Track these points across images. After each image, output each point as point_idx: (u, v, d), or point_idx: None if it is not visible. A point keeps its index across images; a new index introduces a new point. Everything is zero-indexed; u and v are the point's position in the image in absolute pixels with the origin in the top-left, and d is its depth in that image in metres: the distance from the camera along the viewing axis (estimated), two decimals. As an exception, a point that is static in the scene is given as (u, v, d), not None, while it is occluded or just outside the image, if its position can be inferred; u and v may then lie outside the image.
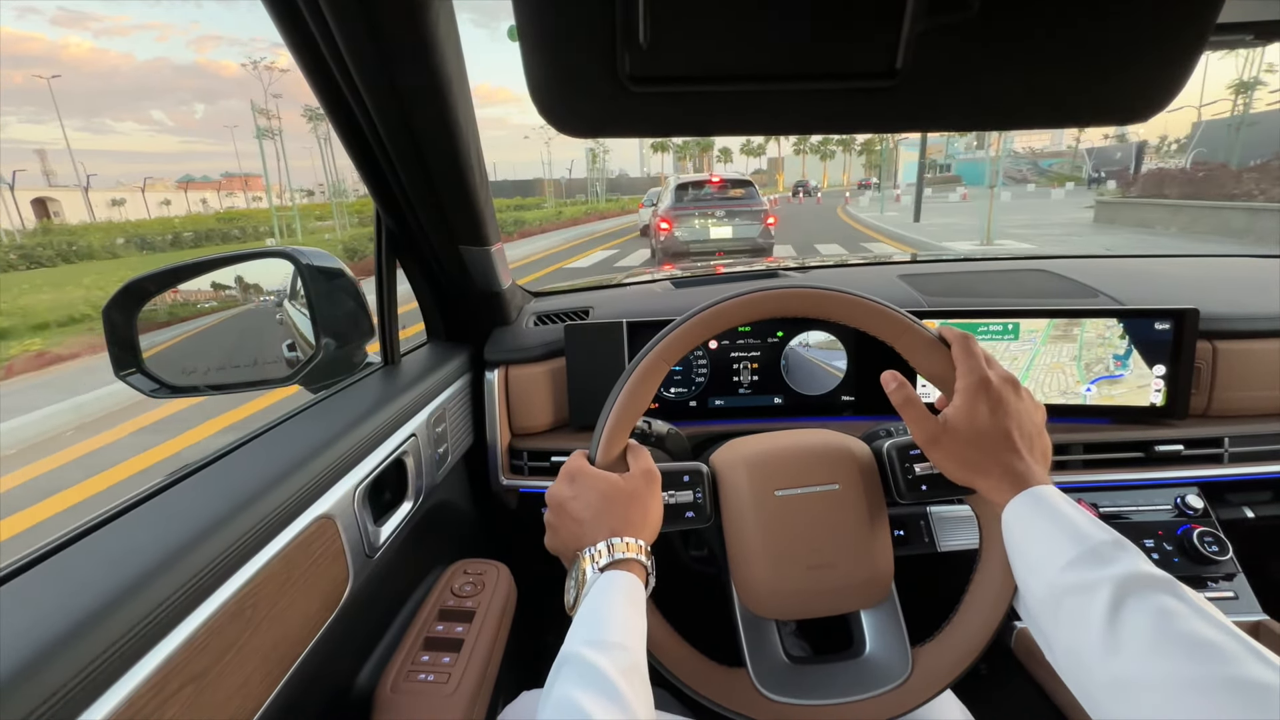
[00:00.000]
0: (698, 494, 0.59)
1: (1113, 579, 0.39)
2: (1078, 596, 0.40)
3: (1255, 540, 0.95)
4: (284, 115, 17.15)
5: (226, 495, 0.52)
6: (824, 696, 0.56)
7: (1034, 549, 0.45)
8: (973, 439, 0.50)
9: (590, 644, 0.43)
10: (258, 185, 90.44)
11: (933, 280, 1.16)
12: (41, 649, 0.34)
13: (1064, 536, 0.43)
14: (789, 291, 0.57)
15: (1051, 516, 0.45)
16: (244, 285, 0.89)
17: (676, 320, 0.58)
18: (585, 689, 0.39)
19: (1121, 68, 0.31)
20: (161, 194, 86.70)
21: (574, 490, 0.54)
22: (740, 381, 1.05)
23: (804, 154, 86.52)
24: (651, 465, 0.56)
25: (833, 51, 0.31)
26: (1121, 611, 0.37)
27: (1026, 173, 53.40)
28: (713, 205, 8.47)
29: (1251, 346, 0.97)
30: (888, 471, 0.58)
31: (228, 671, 0.46)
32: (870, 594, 0.58)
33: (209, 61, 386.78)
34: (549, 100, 0.33)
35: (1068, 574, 0.41)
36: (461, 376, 1.01)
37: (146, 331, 0.78)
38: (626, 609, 0.46)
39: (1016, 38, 0.30)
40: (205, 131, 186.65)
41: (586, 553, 0.50)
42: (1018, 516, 0.47)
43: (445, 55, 0.65)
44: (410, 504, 0.80)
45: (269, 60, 28.38)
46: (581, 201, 47.65)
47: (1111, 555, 0.40)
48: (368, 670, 0.73)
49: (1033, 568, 0.45)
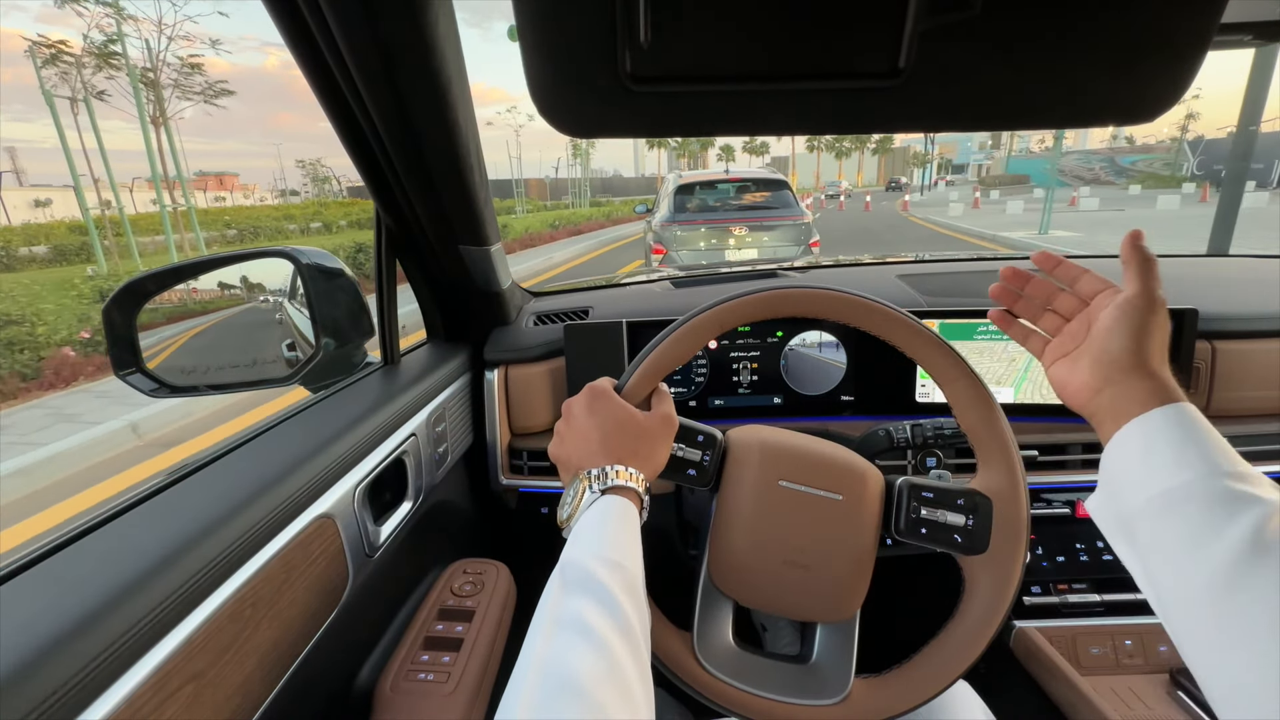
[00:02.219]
0: (706, 456, 0.60)
1: (1273, 502, 0.38)
2: (1227, 504, 0.38)
3: None
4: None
5: (226, 495, 0.52)
6: (755, 686, 0.57)
7: (1191, 451, 0.42)
8: (1149, 330, 0.47)
9: (596, 557, 0.44)
10: (234, 184, 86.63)
11: (931, 280, 1.16)
12: (41, 648, 0.34)
13: (1224, 451, 0.42)
14: (863, 303, 0.59)
15: (1211, 433, 0.43)
16: (249, 284, 0.89)
17: (747, 292, 0.60)
18: (593, 604, 0.40)
19: (1126, 67, 0.31)
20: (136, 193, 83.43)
21: (592, 409, 0.55)
22: (740, 381, 1.05)
23: (819, 151, 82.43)
24: (672, 412, 0.58)
25: (835, 51, 0.31)
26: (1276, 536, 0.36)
27: (1101, 171, 45.46)
28: (730, 218, 5.39)
29: (1250, 347, 0.97)
30: (893, 505, 0.58)
31: (228, 671, 0.46)
32: (833, 610, 0.58)
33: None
34: (549, 100, 0.33)
35: (1229, 482, 0.39)
36: (461, 376, 1.01)
37: (147, 330, 0.78)
38: (625, 532, 0.47)
39: (1019, 37, 0.30)
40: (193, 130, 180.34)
41: (590, 472, 0.51)
42: (1176, 419, 0.44)
43: (445, 55, 0.65)
44: (410, 503, 0.80)
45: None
46: (556, 206, 36.27)
47: (1272, 485, 0.39)
48: (367, 669, 0.73)
49: (1184, 463, 0.42)
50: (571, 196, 35.43)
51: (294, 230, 22.93)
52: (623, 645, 0.38)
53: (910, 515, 0.57)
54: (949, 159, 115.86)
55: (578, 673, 0.35)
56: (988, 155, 72.21)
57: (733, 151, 70.27)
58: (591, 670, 0.36)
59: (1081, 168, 46.90)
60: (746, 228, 5.31)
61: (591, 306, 1.14)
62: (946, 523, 0.55)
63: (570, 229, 19.14)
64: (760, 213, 5.48)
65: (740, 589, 0.59)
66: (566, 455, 0.55)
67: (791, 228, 5.28)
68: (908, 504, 0.57)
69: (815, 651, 0.59)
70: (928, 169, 59.16)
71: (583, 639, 0.38)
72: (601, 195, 57.45)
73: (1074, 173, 46.54)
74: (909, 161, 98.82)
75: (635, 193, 62.97)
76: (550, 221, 19.99)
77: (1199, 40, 0.30)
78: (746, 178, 5.79)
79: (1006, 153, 64.43)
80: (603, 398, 0.56)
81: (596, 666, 0.36)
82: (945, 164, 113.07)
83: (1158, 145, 45.06)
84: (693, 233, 5.43)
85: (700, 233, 5.41)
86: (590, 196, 43.80)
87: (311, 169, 59.14)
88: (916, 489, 0.57)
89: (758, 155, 77.09)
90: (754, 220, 5.38)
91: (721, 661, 0.57)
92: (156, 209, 13.03)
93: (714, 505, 0.60)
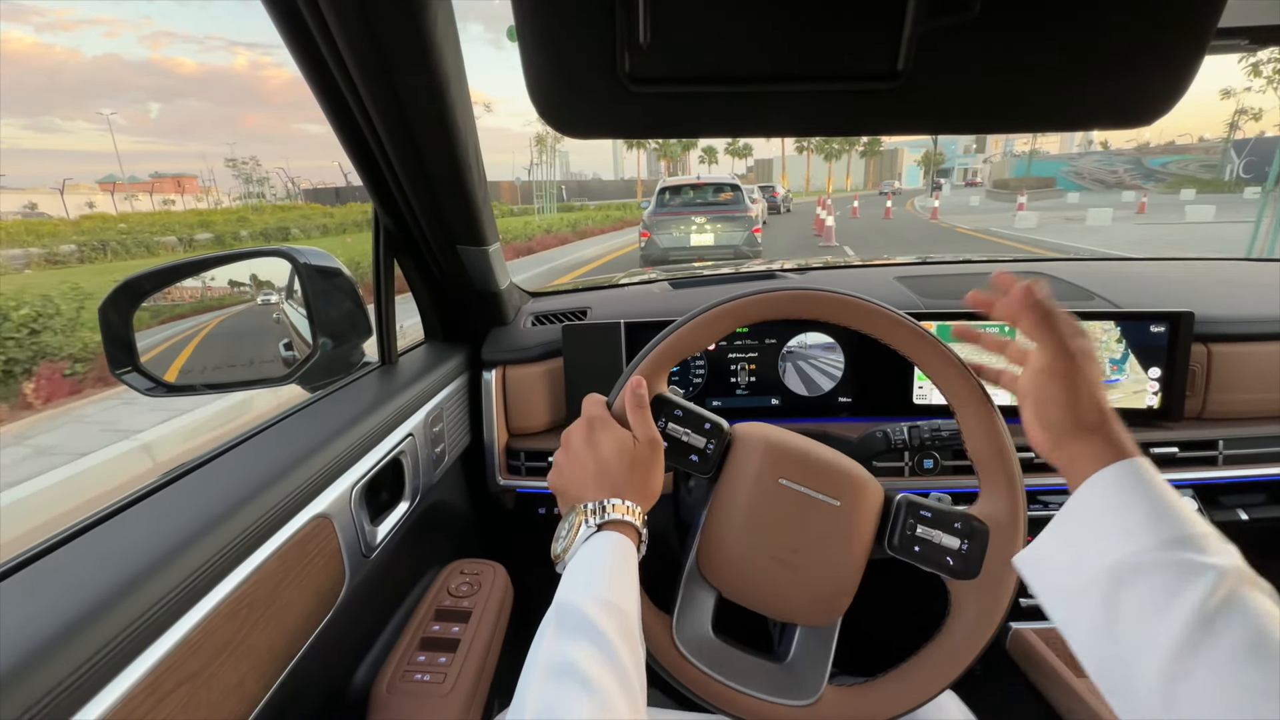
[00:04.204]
0: (710, 445, 0.60)
1: (1219, 569, 0.37)
2: (1172, 575, 0.38)
3: (1249, 542, 0.95)
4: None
5: (222, 494, 0.52)
6: (725, 676, 0.57)
7: (1133, 516, 0.41)
8: (1089, 378, 0.47)
9: (593, 599, 0.43)
10: (193, 187, 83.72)
11: (929, 282, 1.16)
12: (35, 648, 0.34)
13: (1168, 515, 0.41)
14: (847, 300, 0.59)
15: (1157, 493, 0.42)
16: (258, 281, 0.89)
17: (764, 290, 0.60)
18: (589, 649, 0.40)
19: (1124, 70, 0.31)
20: (85, 195, 76.63)
21: (589, 439, 0.55)
22: (738, 382, 1.05)
23: (809, 153, 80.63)
24: (657, 435, 0.57)
25: (834, 52, 0.31)
26: (1228, 604, 0.35)
27: (1125, 174, 39.41)
28: (696, 210, 8.01)
29: (1246, 349, 0.97)
30: (890, 519, 0.58)
31: (223, 671, 0.46)
32: (815, 614, 0.58)
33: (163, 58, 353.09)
34: (548, 100, 0.33)
35: (1168, 551, 0.39)
36: (459, 376, 1.01)
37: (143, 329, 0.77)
38: (622, 572, 0.47)
39: (1018, 40, 0.30)
40: (160, 131, 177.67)
41: (585, 507, 0.51)
42: (1119, 481, 0.43)
43: (444, 55, 0.65)
44: (407, 504, 0.80)
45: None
46: (525, 211, 29.14)
47: (1218, 547, 0.39)
48: (364, 670, 0.73)
49: (1126, 533, 0.41)
50: (539, 201, 28.07)
51: (174, 243, 19.41)
52: (619, 692, 0.38)
53: (905, 532, 0.57)
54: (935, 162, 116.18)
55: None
56: (974, 159, 69.75)
57: (715, 153, 68.25)
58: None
59: (1102, 170, 41.37)
60: (707, 219, 7.88)
61: (590, 307, 1.14)
62: (941, 544, 0.55)
63: (515, 248, 13.10)
64: (719, 208, 8.04)
65: (726, 579, 0.59)
66: (564, 486, 0.55)
67: (741, 219, 7.84)
68: (904, 520, 0.57)
69: (791, 652, 0.59)
70: (953, 170, 55.10)
71: (579, 688, 0.37)
72: (578, 199, 50.50)
73: (1093, 175, 41.29)
74: (896, 165, 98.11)
75: (614, 196, 58.18)
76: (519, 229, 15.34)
77: (1196, 43, 0.30)
78: (709, 182, 8.31)
79: (1003, 155, 63.05)
80: (600, 427, 0.55)
81: (593, 716, 0.36)
82: (931, 167, 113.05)
83: (1196, 145, 38.55)
84: (670, 221, 7.91)
85: (674, 221, 7.90)
86: (565, 201, 38.28)
87: (246, 169, 56.66)
88: (915, 506, 0.57)
89: (740, 157, 75.75)
90: (713, 214, 7.94)
91: (696, 647, 0.58)
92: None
93: (711, 494, 0.60)
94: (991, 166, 64.21)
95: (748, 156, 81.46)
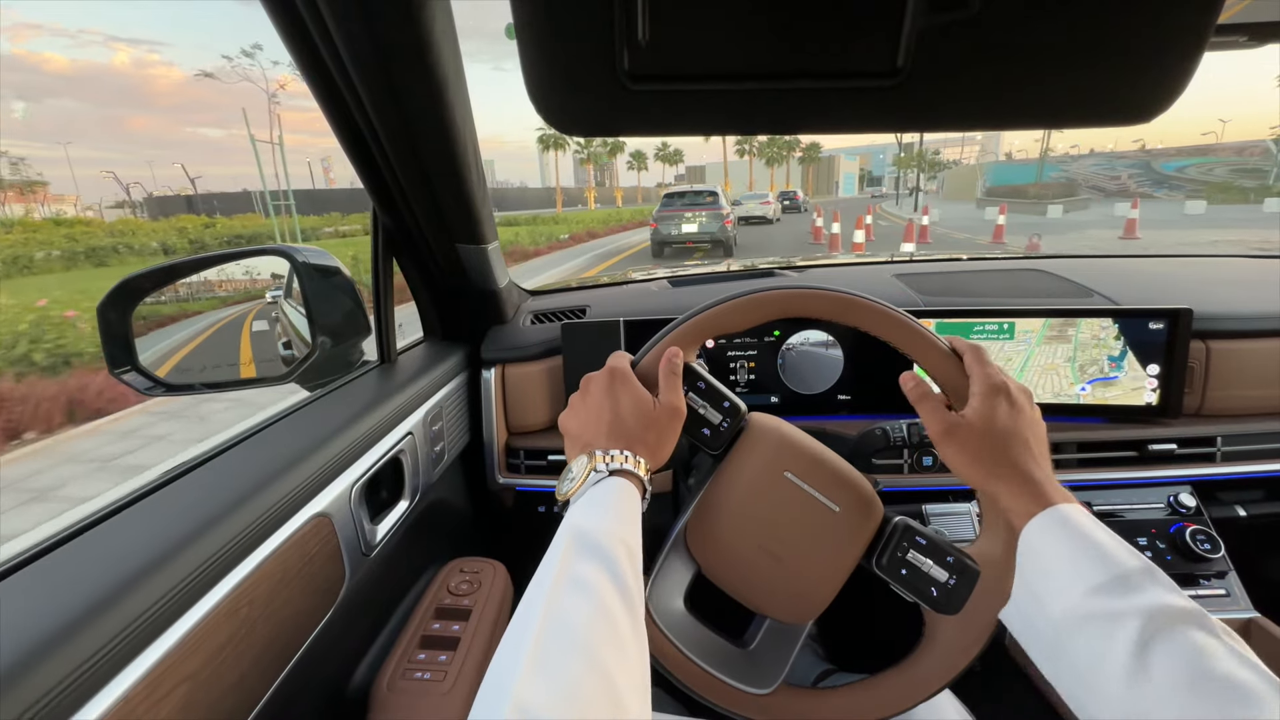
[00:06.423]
0: (724, 424, 0.60)
1: (1142, 610, 0.38)
2: (1102, 625, 0.39)
3: (1247, 538, 0.96)
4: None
5: (221, 494, 0.52)
6: (684, 644, 0.57)
7: (1058, 568, 0.43)
8: (989, 438, 0.49)
9: (606, 533, 0.44)
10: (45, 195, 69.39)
11: (928, 280, 1.16)
12: (34, 648, 0.34)
13: (1091, 560, 0.42)
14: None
15: (1077, 537, 0.44)
16: (273, 276, 0.89)
17: (785, 285, 0.61)
18: (602, 572, 0.40)
19: (1124, 68, 0.31)
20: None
21: (610, 389, 0.55)
22: (737, 381, 1.05)
23: (750, 157, 75.12)
24: (681, 405, 0.57)
25: (834, 50, 0.31)
26: (1152, 646, 0.36)
27: (1130, 181, 34.13)
28: (688, 208, 12.32)
29: (1244, 346, 0.97)
30: (883, 538, 0.58)
31: (223, 671, 0.46)
32: (788, 610, 0.58)
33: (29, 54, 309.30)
34: (547, 99, 0.33)
35: (1093, 600, 0.40)
36: (458, 375, 1.01)
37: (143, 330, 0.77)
38: (631, 516, 0.48)
39: (1018, 37, 0.30)
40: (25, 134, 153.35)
41: (599, 452, 0.51)
42: (1040, 535, 0.46)
43: (442, 54, 0.65)
44: (407, 502, 0.80)
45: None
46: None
47: (1140, 584, 0.40)
48: (364, 669, 0.73)
49: (1053, 590, 0.43)
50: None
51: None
52: (625, 616, 0.39)
53: (896, 553, 0.56)
54: (867, 170, 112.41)
55: (583, 630, 0.36)
56: (902, 172, 61.91)
57: (645, 158, 66.00)
58: (596, 630, 0.36)
59: (1102, 176, 35.86)
60: (694, 213, 12.15)
61: (589, 305, 1.14)
62: (929, 574, 0.55)
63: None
64: (703, 206, 12.30)
65: (709, 557, 0.59)
66: (578, 429, 0.55)
67: (717, 214, 12.08)
68: (898, 542, 0.56)
69: (756, 641, 0.60)
70: (883, 178, 52.38)
71: (589, 601, 0.38)
72: (496, 211, 41.16)
73: (1092, 182, 35.91)
74: (834, 173, 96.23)
75: (534, 206, 55.64)
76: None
77: (1196, 41, 0.30)
78: (699, 189, 12.90)
79: (977, 158, 59.04)
80: (622, 380, 0.56)
81: (600, 628, 0.36)
82: (864, 175, 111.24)
83: (1217, 146, 32.76)
84: (670, 214, 12.32)
85: (673, 215, 12.27)
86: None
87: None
88: (911, 531, 0.57)
89: (671, 164, 72.92)
90: (698, 210, 12.20)
91: (664, 613, 0.58)
92: None
93: (714, 472, 0.60)
94: (945, 178, 55.23)
95: (678, 164, 78.90)
